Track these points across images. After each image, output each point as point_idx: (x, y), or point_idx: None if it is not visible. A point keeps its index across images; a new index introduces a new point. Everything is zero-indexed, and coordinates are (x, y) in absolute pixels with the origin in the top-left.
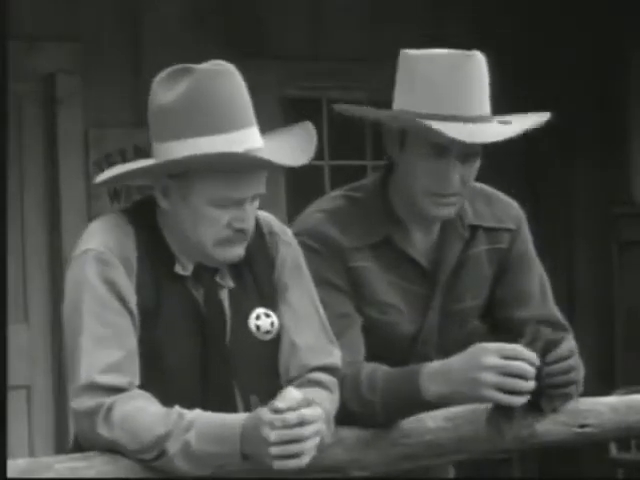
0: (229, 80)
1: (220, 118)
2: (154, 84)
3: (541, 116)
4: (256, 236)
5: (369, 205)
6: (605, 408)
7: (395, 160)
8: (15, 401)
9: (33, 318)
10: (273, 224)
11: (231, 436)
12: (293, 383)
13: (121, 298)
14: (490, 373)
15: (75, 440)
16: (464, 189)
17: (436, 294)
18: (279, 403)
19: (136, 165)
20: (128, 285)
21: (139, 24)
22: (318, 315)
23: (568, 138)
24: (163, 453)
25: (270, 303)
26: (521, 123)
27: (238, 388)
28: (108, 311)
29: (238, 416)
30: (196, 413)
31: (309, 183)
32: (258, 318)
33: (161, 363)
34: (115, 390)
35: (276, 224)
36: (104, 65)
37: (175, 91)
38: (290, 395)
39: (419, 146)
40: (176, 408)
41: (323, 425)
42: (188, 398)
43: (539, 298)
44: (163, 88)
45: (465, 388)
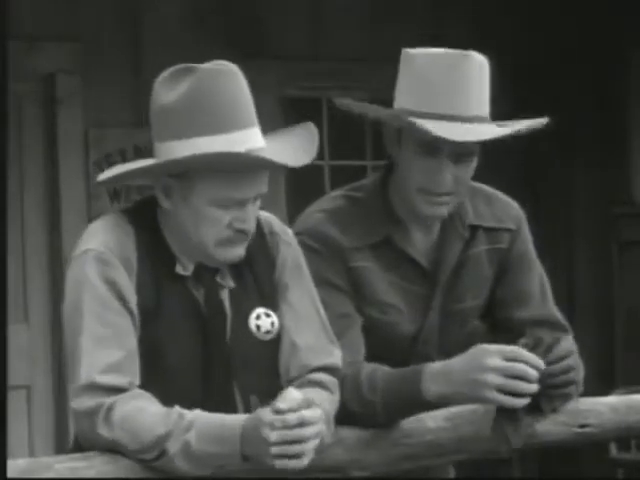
0: (231, 80)
1: (222, 118)
2: (156, 84)
3: (539, 121)
4: (257, 236)
5: (369, 205)
6: (605, 408)
7: (394, 158)
8: (15, 401)
9: (33, 318)
10: (274, 224)
11: (231, 437)
12: (293, 383)
13: (121, 298)
14: (492, 375)
15: (75, 440)
16: (459, 189)
17: (436, 294)
18: (280, 404)
19: (137, 165)
20: (128, 285)
21: (139, 24)
22: (318, 315)
23: (568, 138)
24: (163, 453)
25: (270, 303)
26: (515, 125)
27: (238, 388)
28: (108, 311)
29: (238, 417)
30: (196, 413)
31: (309, 183)
32: (258, 318)
33: (162, 363)
34: (115, 390)
35: (277, 224)
36: (104, 65)
37: (177, 91)
38: (291, 396)
39: (413, 144)
40: (176, 408)
41: (323, 426)
42: (188, 398)
43: (539, 298)
44: (165, 88)
45: (466, 389)
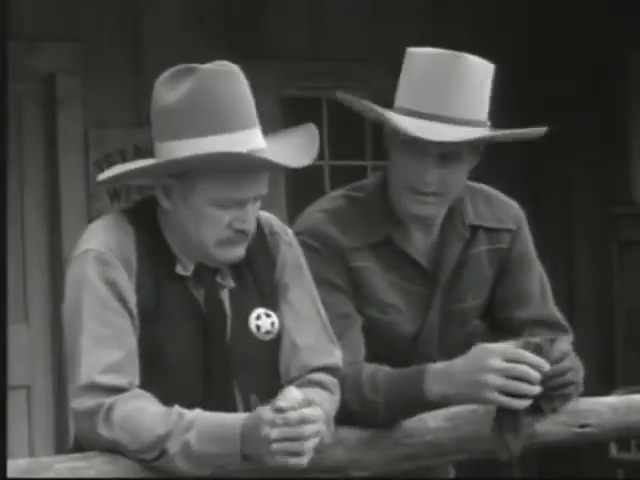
0: (232, 80)
1: (223, 118)
2: (157, 84)
3: (533, 130)
4: (257, 236)
5: (370, 205)
6: (605, 408)
7: (390, 157)
8: (15, 401)
9: (33, 318)
10: (274, 224)
11: (231, 436)
12: (294, 383)
13: (121, 298)
14: (493, 375)
15: (75, 440)
16: (447, 189)
17: (436, 294)
18: (281, 402)
19: (138, 164)
20: (128, 285)
21: (139, 24)
22: (319, 315)
23: (568, 138)
24: (163, 453)
25: (271, 303)
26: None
27: (238, 388)
28: (108, 311)
29: (238, 416)
30: (196, 413)
31: (309, 183)
32: (258, 318)
33: (162, 363)
34: (115, 390)
35: (277, 224)
36: (104, 65)
37: (178, 91)
38: (291, 395)
39: (400, 143)
40: (176, 408)
41: (323, 426)
42: (188, 398)
43: (539, 298)
44: (166, 88)
45: (468, 390)
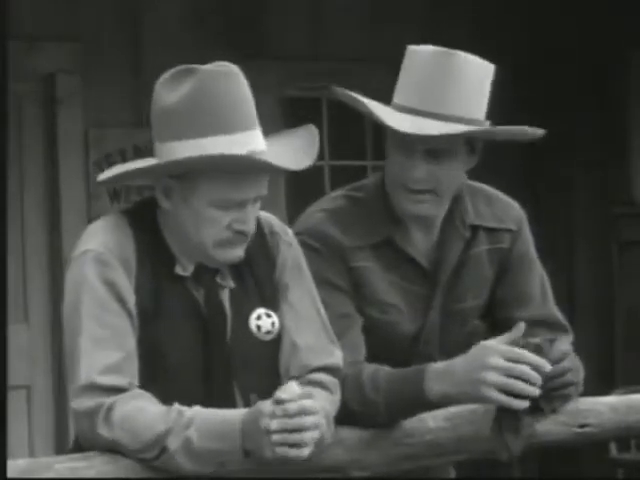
0: (233, 81)
1: (223, 119)
2: (157, 84)
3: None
4: (257, 236)
5: (370, 205)
6: (605, 408)
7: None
8: (15, 401)
9: (33, 318)
10: (274, 224)
11: (231, 432)
12: None
13: (120, 299)
14: (493, 373)
15: (75, 440)
16: (439, 187)
17: (437, 294)
18: (281, 394)
19: (138, 165)
20: (127, 286)
21: (139, 24)
22: (319, 315)
23: (568, 138)
24: (164, 450)
25: (271, 303)
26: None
27: (238, 388)
28: (107, 312)
29: (238, 411)
30: (196, 410)
31: (309, 183)
32: (259, 318)
33: (162, 363)
34: (115, 390)
35: (277, 224)
36: (104, 65)
37: (179, 92)
38: (291, 389)
39: (391, 139)
40: (176, 406)
41: (323, 419)
42: (189, 398)
43: (539, 298)
44: (166, 88)
45: (468, 388)
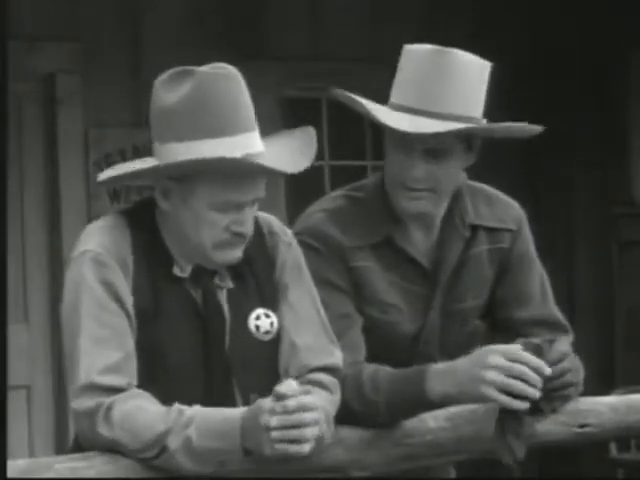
0: (232, 83)
1: (222, 121)
2: (156, 85)
3: (525, 127)
4: (256, 236)
5: (370, 205)
6: (605, 408)
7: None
8: (15, 401)
9: (33, 318)
10: (273, 224)
11: (231, 430)
12: None
13: (118, 299)
14: (492, 372)
15: (75, 440)
16: (438, 186)
17: (437, 294)
18: (280, 388)
19: (137, 166)
20: (125, 286)
21: (139, 24)
22: (319, 316)
23: (568, 138)
24: (164, 449)
25: (270, 303)
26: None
27: (238, 388)
28: (106, 312)
29: (238, 410)
30: (195, 409)
31: (309, 184)
32: (258, 318)
33: (161, 363)
34: (114, 390)
35: (276, 224)
36: (104, 65)
37: (177, 93)
38: (289, 385)
39: (390, 138)
40: (176, 405)
41: (322, 415)
42: (188, 398)
43: (539, 298)
44: (165, 89)
45: (468, 387)
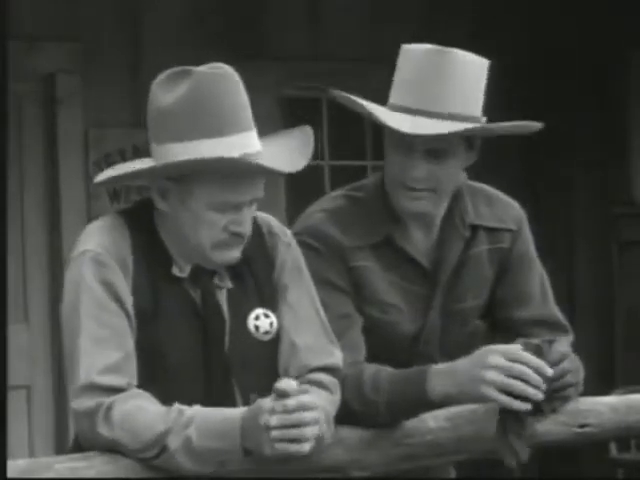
0: (229, 83)
1: (219, 121)
2: (153, 86)
3: (525, 125)
4: (255, 236)
5: (370, 205)
6: (605, 408)
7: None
8: (15, 401)
9: (33, 318)
10: (272, 225)
11: (231, 430)
12: None
13: (118, 299)
14: (492, 371)
15: (75, 440)
16: (439, 186)
17: (437, 294)
18: (280, 384)
19: (135, 166)
20: (124, 287)
21: (139, 24)
22: (318, 316)
23: (568, 138)
24: (164, 449)
25: (270, 304)
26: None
27: (238, 388)
28: (106, 312)
29: (238, 410)
30: (195, 409)
31: (309, 184)
32: (257, 318)
33: (161, 363)
34: (114, 390)
35: (275, 225)
36: (104, 65)
37: (174, 93)
38: (288, 382)
39: (391, 139)
40: (176, 405)
41: (322, 415)
42: (188, 398)
43: (539, 298)
44: (162, 90)
45: (469, 387)
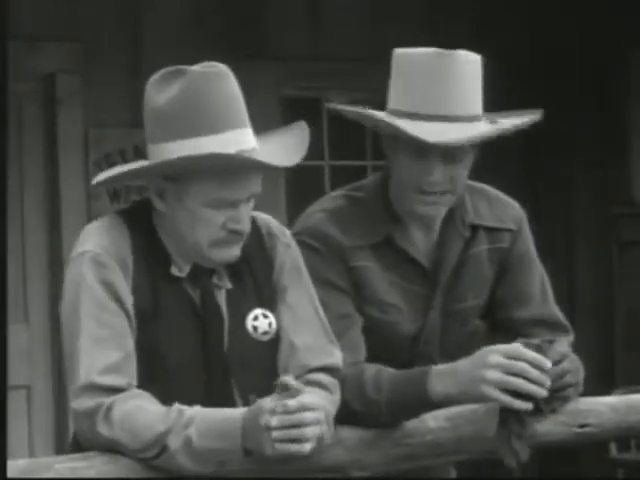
0: (222, 81)
1: (213, 119)
2: (148, 86)
3: (531, 115)
4: (254, 237)
5: (370, 205)
6: (605, 408)
7: (390, 159)
8: (15, 401)
9: (33, 318)
10: (272, 225)
11: (232, 430)
12: None
13: (118, 299)
14: (492, 370)
15: (74, 438)
16: (454, 187)
17: (437, 294)
18: (283, 378)
19: (130, 167)
20: (124, 286)
21: (139, 24)
22: (318, 316)
23: (568, 138)
24: (164, 449)
25: (269, 304)
26: (505, 123)
27: (237, 388)
28: (105, 312)
29: (238, 410)
30: (196, 410)
31: (309, 184)
32: (256, 319)
33: (161, 363)
34: (114, 390)
35: (275, 225)
36: (104, 65)
37: (168, 93)
38: (288, 378)
39: (405, 146)
40: (176, 405)
41: (323, 415)
42: (188, 398)
43: (539, 298)
44: (156, 90)
45: (470, 387)
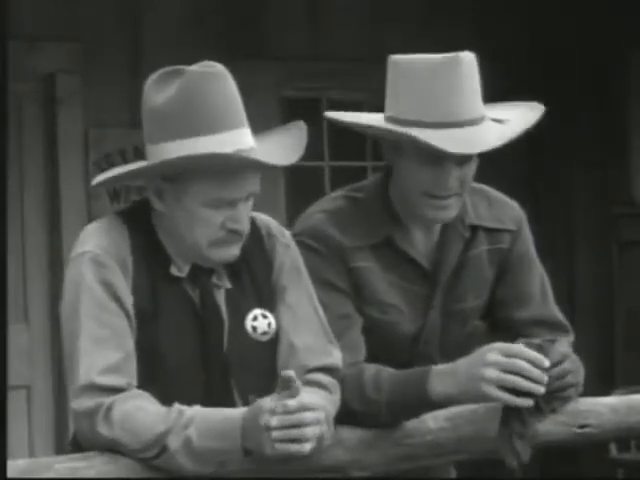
0: (220, 81)
1: (211, 119)
2: (146, 86)
3: (534, 110)
4: (253, 237)
5: (370, 205)
6: (605, 408)
7: (393, 164)
8: (15, 401)
9: (33, 318)
10: (271, 226)
11: (232, 430)
12: None
13: (118, 299)
14: (492, 369)
15: (74, 438)
16: (463, 189)
17: (437, 294)
18: (286, 372)
19: (130, 167)
20: (124, 287)
21: (139, 24)
22: (317, 316)
23: (568, 138)
24: (164, 449)
25: (268, 304)
26: (514, 124)
27: (236, 388)
28: (105, 313)
29: (238, 410)
30: (196, 410)
31: (309, 184)
32: (255, 319)
33: (160, 364)
34: (114, 390)
35: (274, 226)
36: (104, 65)
37: (166, 93)
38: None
39: (414, 152)
40: (176, 405)
41: (322, 415)
42: (187, 398)
43: (539, 299)
44: (154, 90)
45: (469, 387)
